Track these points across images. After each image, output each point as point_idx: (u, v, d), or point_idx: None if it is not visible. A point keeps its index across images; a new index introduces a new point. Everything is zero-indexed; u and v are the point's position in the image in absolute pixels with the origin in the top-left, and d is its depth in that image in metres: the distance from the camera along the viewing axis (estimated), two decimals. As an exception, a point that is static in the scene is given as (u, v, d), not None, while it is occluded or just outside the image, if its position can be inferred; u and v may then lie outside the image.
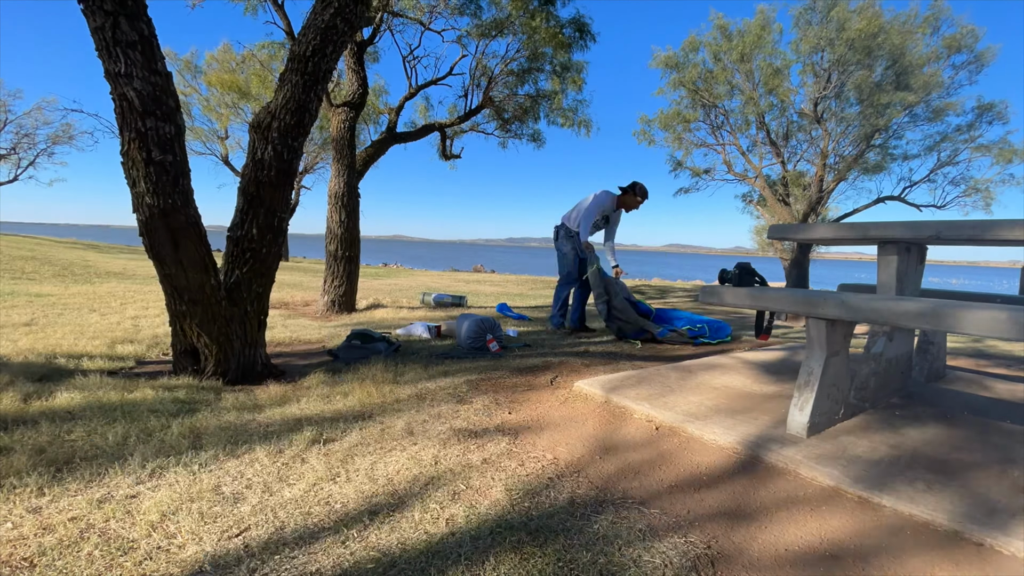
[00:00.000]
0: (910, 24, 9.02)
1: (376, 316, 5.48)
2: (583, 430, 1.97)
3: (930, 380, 2.57)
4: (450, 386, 2.57)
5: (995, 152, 9.67)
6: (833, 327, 1.79)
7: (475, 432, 1.94)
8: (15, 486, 1.41)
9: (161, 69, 2.29)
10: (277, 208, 2.73)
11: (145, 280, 8.60)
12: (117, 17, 2.14)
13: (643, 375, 2.62)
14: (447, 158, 8.57)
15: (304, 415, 2.11)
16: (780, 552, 1.22)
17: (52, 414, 1.98)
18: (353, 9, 2.77)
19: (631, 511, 1.40)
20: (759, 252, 19.31)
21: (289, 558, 1.16)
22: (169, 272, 2.44)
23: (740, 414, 2.03)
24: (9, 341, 3.34)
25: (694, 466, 1.67)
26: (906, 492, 1.43)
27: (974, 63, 9.35)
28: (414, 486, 1.51)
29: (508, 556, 1.18)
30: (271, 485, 1.50)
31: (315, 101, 2.76)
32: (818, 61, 9.61)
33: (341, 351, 3.31)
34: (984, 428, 1.90)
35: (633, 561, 1.18)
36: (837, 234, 2.29)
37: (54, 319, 4.35)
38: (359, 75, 5.88)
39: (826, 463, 1.60)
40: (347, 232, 5.76)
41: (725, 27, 10.22)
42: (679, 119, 11.18)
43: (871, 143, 9.77)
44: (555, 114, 7.79)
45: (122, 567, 1.10)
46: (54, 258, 10.97)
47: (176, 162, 2.36)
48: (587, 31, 6.92)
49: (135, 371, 2.84)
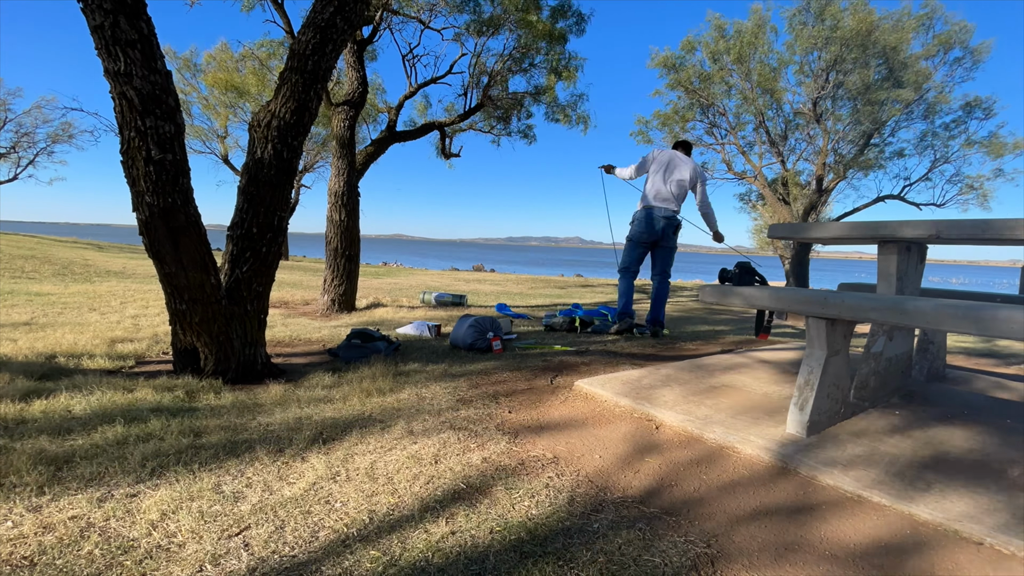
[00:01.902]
0: (903, 22, 9.01)
1: (376, 315, 5.48)
2: (583, 429, 1.98)
3: (930, 379, 2.57)
4: (450, 385, 2.57)
5: (987, 147, 9.68)
6: (833, 326, 1.79)
7: (475, 431, 1.94)
8: (15, 485, 1.41)
9: (160, 68, 2.29)
10: (277, 207, 2.73)
11: (145, 279, 8.60)
12: (116, 16, 2.14)
13: (643, 374, 2.62)
14: (447, 157, 8.58)
15: (304, 414, 2.11)
16: (780, 551, 1.22)
17: (52, 413, 1.98)
18: (353, 7, 2.77)
19: (631, 509, 1.40)
20: (758, 251, 19.31)
21: (289, 557, 1.16)
22: (169, 271, 2.43)
23: (739, 412, 2.03)
24: (9, 340, 3.34)
25: (693, 464, 1.67)
26: (906, 491, 1.43)
27: (968, 59, 9.35)
28: (414, 485, 1.51)
29: (508, 555, 1.18)
30: (271, 484, 1.50)
31: (315, 100, 2.75)
32: (814, 60, 9.61)
33: (341, 350, 3.31)
34: (984, 427, 1.90)
35: (633, 560, 1.18)
36: (837, 233, 2.29)
37: (54, 318, 4.35)
38: (359, 73, 5.87)
39: (826, 462, 1.60)
40: (347, 231, 5.75)
41: (722, 27, 10.21)
42: (677, 119, 11.17)
43: (869, 141, 9.77)
44: (554, 111, 7.80)
45: (122, 566, 1.10)
46: (54, 257, 10.96)
47: (176, 161, 2.36)
48: (578, 15, 6.93)
49: (135, 370, 2.84)
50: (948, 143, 9.96)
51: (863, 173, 10.54)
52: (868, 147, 9.86)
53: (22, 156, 21.99)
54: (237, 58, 14.54)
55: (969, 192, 10.30)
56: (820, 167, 10.17)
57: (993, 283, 35.85)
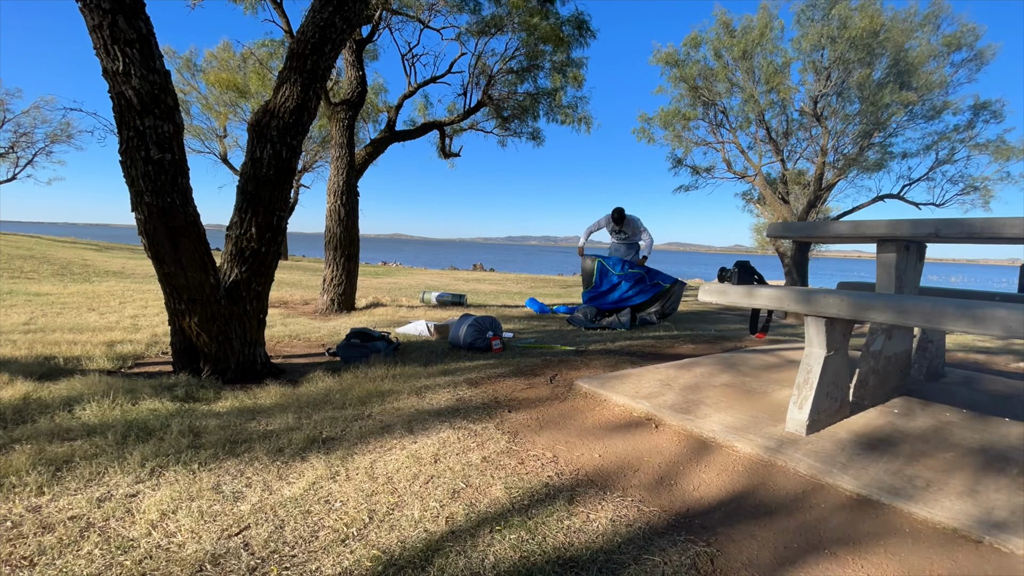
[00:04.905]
0: (911, 22, 9.00)
1: (376, 315, 5.48)
2: (583, 428, 1.98)
3: (929, 378, 2.57)
4: (449, 384, 2.57)
5: (992, 150, 9.66)
6: (833, 325, 1.79)
7: (475, 430, 1.94)
8: (15, 485, 1.41)
9: (159, 67, 2.29)
10: (276, 207, 2.72)
11: (144, 279, 8.59)
12: (115, 15, 2.13)
13: (640, 373, 2.62)
14: (446, 156, 8.57)
15: (304, 414, 2.11)
16: (779, 549, 1.22)
17: (51, 413, 1.98)
18: (352, 7, 2.76)
19: (631, 508, 1.40)
20: (758, 250, 19.31)
21: (289, 556, 1.16)
22: (168, 271, 2.43)
23: (738, 411, 2.03)
24: (8, 341, 3.34)
25: (692, 463, 1.67)
26: (905, 490, 1.43)
27: (974, 61, 9.34)
28: (414, 484, 1.51)
29: (508, 555, 1.18)
30: (271, 484, 1.50)
31: (314, 99, 2.75)
32: (818, 59, 9.59)
33: (341, 350, 3.31)
34: (984, 426, 1.90)
35: (633, 558, 1.18)
36: (837, 232, 2.29)
37: (53, 318, 4.34)
38: (358, 73, 5.87)
39: (825, 461, 1.60)
40: (346, 231, 5.75)
41: (728, 23, 10.17)
42: (679, 117, 11.14)
43: (871, 141, 9.76)
44: (555, 111, 7.79)
45: (122, 566, 1.10)
46: (53, 257, 10.95)
47: (174, 161, 2.35)
48: (586, 27, 6.92)
49: (134, 370, 2.84)
50: (956, 144, 9.94)
51: (867, 174, 10.52)
52: (870, 146, 9.85)
53: (20, 156, 21.94)
54: (238, 58, 14.53)
55: (971, 192, 10.28)
56: (820, 166, 10.17)
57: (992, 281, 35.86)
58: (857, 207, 11.41)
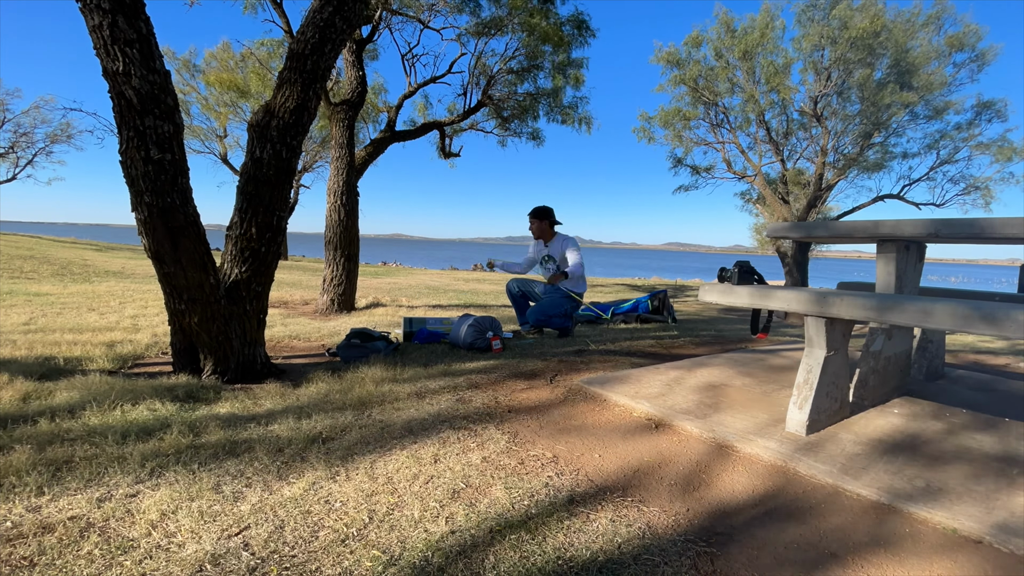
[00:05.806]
0: (913, 22, 9.00)
1: (376, 315, 5.48)
2: (583, 428, 1.98)
3: (930, 378, 2.57)
4: (450, 384, 2.57)
5: (994, 150, 9.66)
6: (832, 325, 1.79)
7: (475, 430, 1.94)
8: (15, 485, 1.41)
9: (159, 67, 2.29)
10: (276, 207, 2.72)
11: (144, 279, 8.59)
12: (115, 15, 2.13)
13: (641, 374, 2.62)
14: (446, 156, 8.57)
15: (304, 414, 2.11)
16: (780, 550, 1.22)
17: (51, 413, 1.98)
18: (352, 7, 2.76)
19: (631, 509, 1.40)
20: (758, 250, 19.30)
21: (289, 556, 1.16)
22: (168, 271, 2.43)
23: (739, 411, 2.03)
24: (8, 341, 3.34)
25: (693, 463, 1.67)
26: (904, 490, 1.43)
27: (975, 61, 9.34)
28: (414, 484, 1.51)
29: (508, 554, 1.18)
30: (271, 484, 1.50)
31: (314, 99, 2.75)
32: (819, 59, 9.59)
33: (341, 350, 3.31)
34: (984, 426, 1.90)
35: (633, 558, 1.18)
36: (837, 232, 2.29)
37: (53, 318, 4.34)
38: (358, 73, 5.87)
39: (825, 461, 1.60)
40: (346, 231, 5.75)
41: (730, 23, 10.18)
42: (679, 116, 11.14)
43: (871, 141, 9.76)
44: (555, 112, 7.79)
45: (122, 566, 1.10)
46: (53, 257, 10.96)
47: (174, 161, 2.35)
48: (586, 27, 6.92)
49: (134, 370, 2.84)
50: (958, 143, 9.93)
51: (867, 174, 10.52)
52: (870, 146, 9.85)
53: (20, 156, 21.95)
54: (237, 58, 14.54)
55: (972, 192, 10.28)
56: (820, 166, 10.16)
57: (992, 281, 35.86)
58: (857, 207, 11.41)
